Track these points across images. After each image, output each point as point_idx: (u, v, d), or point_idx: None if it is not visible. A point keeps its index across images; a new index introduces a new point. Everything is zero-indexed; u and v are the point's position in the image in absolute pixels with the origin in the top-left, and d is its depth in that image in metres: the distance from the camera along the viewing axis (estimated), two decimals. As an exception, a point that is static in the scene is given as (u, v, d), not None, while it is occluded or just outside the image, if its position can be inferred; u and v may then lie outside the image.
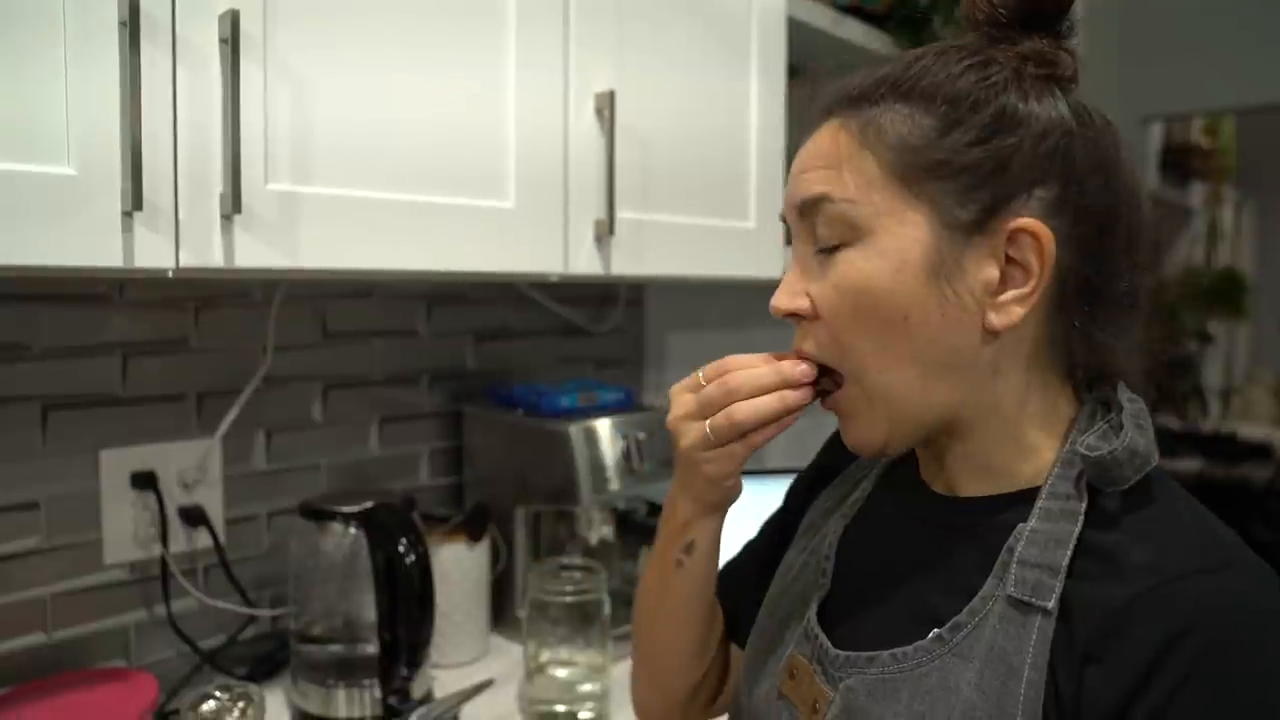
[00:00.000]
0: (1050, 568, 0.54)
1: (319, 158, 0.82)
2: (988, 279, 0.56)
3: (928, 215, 0.55)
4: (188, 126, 0.74)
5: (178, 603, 1.09)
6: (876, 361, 0.58)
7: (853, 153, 0.57)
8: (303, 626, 1.07)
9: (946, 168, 0.55)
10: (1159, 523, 0.54)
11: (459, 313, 1.37)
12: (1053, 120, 0.56)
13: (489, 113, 0.95)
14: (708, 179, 1.20)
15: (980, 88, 0.56)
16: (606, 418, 1.25)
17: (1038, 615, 0.53)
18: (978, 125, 0.55)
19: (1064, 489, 0.56)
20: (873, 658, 0.59)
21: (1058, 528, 0.55)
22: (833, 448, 0.80)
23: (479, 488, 1.34)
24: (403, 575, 1.00)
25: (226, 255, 0.77)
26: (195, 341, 1.11)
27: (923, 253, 0.55)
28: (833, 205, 0.57)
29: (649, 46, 1.10)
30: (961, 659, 0.55)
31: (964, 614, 0.56)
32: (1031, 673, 0.52)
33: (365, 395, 1.27)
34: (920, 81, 0.57)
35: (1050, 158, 0.55)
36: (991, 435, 0.59)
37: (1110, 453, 0.54)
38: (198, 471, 1.10)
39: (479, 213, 0.94)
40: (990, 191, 0.55)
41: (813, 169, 0.59)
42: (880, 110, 0.57)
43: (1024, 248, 0.55)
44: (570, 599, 1.07)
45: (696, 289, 1.71)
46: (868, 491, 0.72)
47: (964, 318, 0.56)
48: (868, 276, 0.56)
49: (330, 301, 1.22)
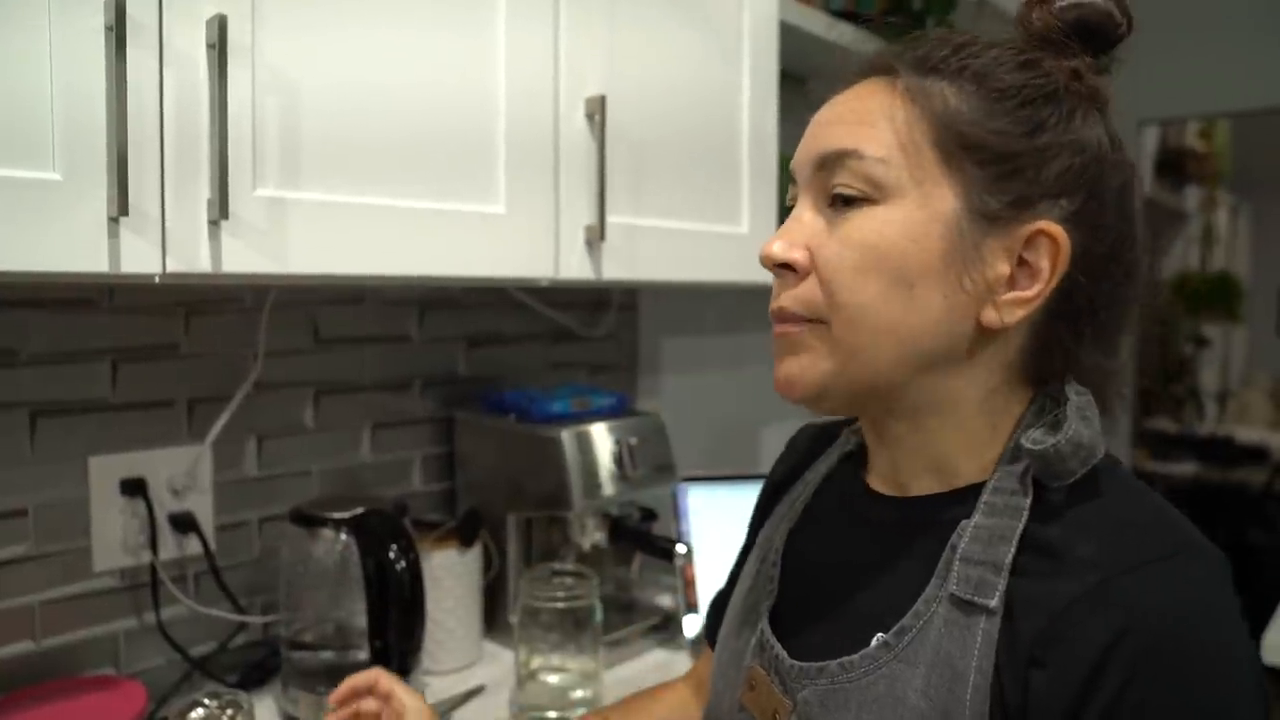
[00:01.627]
0: (993, 565, 0.53)
1: (307, 163, 0.82)
2: (998, 274, 0.55)
3: (958, 194, 0.55)
4: (174, 131, 0.73)
5: (167, 610, 1.08)
6: (864, 321, 0.56)
7: (896, 113, 0.56)
8: (293, 633, 1.06)
9: (987, 151, 0.55)
10: (1104, 516, 0.54)
11: (451, 318, 1.36)
12: (1091, 137, 0.56)
13: (479, 118, 0.95)
14: (700, 183, 1.19)
15: (1032, 85, 0.56)
16: (599, 423, 1.25)
17: (981, 615, 0.52)
18: (1025, 120, 0.55)
19: (1009, 484, 0.56)
20: (822, 668, 0.58)
21: (1001, 523, 0.54)
22: (790, 457, 0.80)
23: (471, 493, 1.33)
24: (393, 582, 1.00)
25: (214, 261, 0.77)
26: (185, 347, 1.10)
27: (944, 230, 0.55)
28: (860, 161, 0.56)
29: (640, 51, 1.10)
30: (908, 665, 0.54)
31: (908, 617, 0.55)
32: (977, 677, 0.51)
33: (357, 401, 1.26)
34: (974, 61, 0.56)
35: (1082, 172, 0.56)
36: (944, 427, 0.59)
37: (1053, 445, 0.53)
38: (188, 478, 1.10)
39: (469, 217, 0.94)
40: (1021, 187, 0.55)
41: (845, 123, 0.58)
42: (931, 80, 0.56)
43: (1039, 251, 0.55)
44: (562, 605, 1.07)
45: (690, 293, 1.70)
46: (810, 493, 0.71)
47: (963, 306, 0.56)
48: (884, 237, 0.55)
49: (321, 307, 1.22)
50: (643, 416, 1.33)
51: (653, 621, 1.32)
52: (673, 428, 1.35)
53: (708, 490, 1.43)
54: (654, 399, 1.66)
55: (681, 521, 1.40)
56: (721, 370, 1.78)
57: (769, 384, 0.62)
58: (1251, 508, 3.74)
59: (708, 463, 1.63)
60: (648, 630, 1.31)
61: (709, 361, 1.76)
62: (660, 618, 1.33)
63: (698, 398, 1.73)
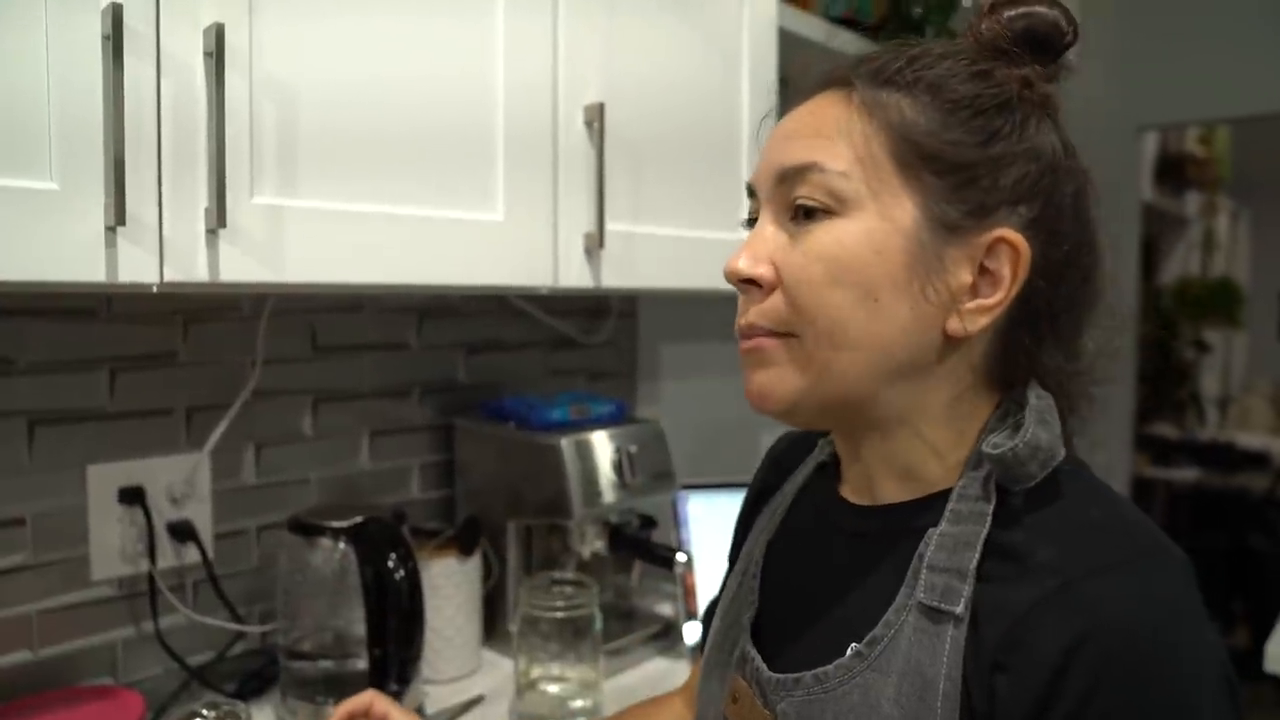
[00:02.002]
0: (959, 571, 0.53)
1: (305, 170, 0.82)
2: (961, 282, 0.56)
3: (917, 204, 0.55)
4: (171, 140, 0.73)
5: (165, 619, 1.08)
6: (832, 334, 0.56)
7: (854, 126, 0.56)
8: (292, 642, 1.06)
9: (944, 161, 0.55)
10: (1064, 519, 0.53)
11: (450, 325, 1.36)
12: (1045, 145, 0.57)
13: (477, 126, 0.95)
14: (699, 190, 1.19)
15: (985, 95, 0.56)
16: (599, 430, 1.24)
17: (949, 622, 0.52)
18: (979, 129, 0.56)
19: (972, 490, 0.56)
20: (799, 679, 0.58)
21: (966, 530, 0.54)
22: (768, 467, 0.80)
23: (470, 501, 1.33)
24: (392, 590, 0.99)
25: (211, 270, 0.76)
26: (184, 355, 1.10)
27: (905, 240, 0.55)
28: (822, 175, 0.56)
29: (640, 57, 1.10)
30: (880, 674, 0.54)
31: (880, 627, 0.55)
32: (946, 684, 0.51)
33: (355, 409, 1.26)
34: (928, 73, 0.57)
35: (1038, 179, 0.56)
36: (912, 435, 0.59)
37: (1011, 449, 0.53)
38: (186, 486, 1.10)
39: (468, 225, 0.94)
40: (979, 196, 0.55)
41: (803, 136, 0.58)
42: (887, 92, 0.57)
43: (1000, 259, 0.55)
44: (562, 614, 1.06)
45: (689, 300, 1.70)
46: (788, 505, 0.71)
47: (929, 316, 0.56)
48: (847, 249, 0.55)
49: (320, 315, 1.21)
50: (642, 424, 1.32)
51: (653, 630, 1.31)
52: (671, 434, 1.34)
53: (707, 498, 1.42)
54: (653, 406, 1.66)
55: (681, 529, 1.40)
56: (720, 377, 1.77)
57: None
58: (1253, 513, 3.74)
59: (706, 469, 1.63)
60: (648, 639, 1.30)
61: (708, 368, 1.75)
62: (660, 626, 1.33)
63: (697, 404, 1.73)
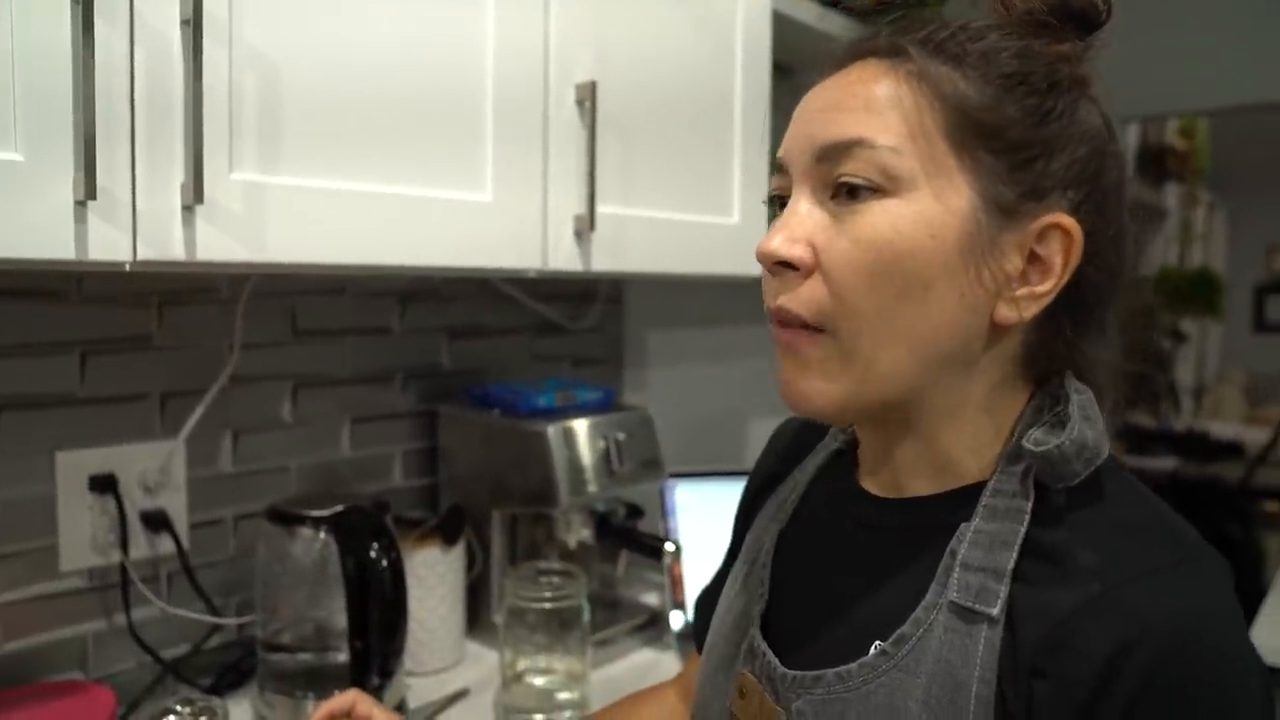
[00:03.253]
0: (995, 571, 0.51)
1: (288, 145, 0.78)
2: (1013, 269, 0.53)
3: (972, 185, 0.52)
4: (145, 111, 0.69)
5: (138, 611, 1.04)
6: (875, 328, 0.53)
7: (904, 99, 0.53)
8: (270, 635, 1.03)
9: (1001, 139, 0.52)
10: (1106, 521, 0.52)
11: (433, 310, 1.33)
12: (1092, 126, 0.54)
13: (466, 103, 0.92)
14: (690, 174, 1.17)
15: (1038, 72, 0.53)
16: (585, 418, 1.22)
17: (983, 624, 0.50)
18: (1033, 108, 0.53)
19: (1009, 486, 0.54)
20: (819, 677, 0.56)
21: (1003, 528, 0.52)
22: (775, 453, 0.77)
23: (454, 490, 1.30)
24: (375, 581, 0.97)
25: (188, 248, 0.73)
26: (158, 339, 1.06)
27: (961, 224, 0.52)
28: (872, 151, 0.52)
29: (632, 36, 1.07)
30: (908, 674, 0.52)
31: (908, 625, 0.53)
32: (980, 687, 0.49)
33: (336, 395, 1.23)
34: (975, 45, 0.54)
35: (1088, 161, 0.54)
36: (950, 429, 0.57)
37: (1058, 447, 0.51)
38: (160, 474, 1.06)
39: (456, 205, 0.91)
40: (1034, 177, 0.53)
41: (846, 108, 0.54)
42: (936, 64, 0.53)
43: (1052, 244, 0.53)
44: (549, 605, 1.04)
45: (677, 285, 1.68)
46: (801, 493, 0.69)
47: (979, 305, 0.53)
48: (900, 233, 0.52)
49: (300, 298, 1.18)
50: (630, 411, 1.30)
51: (639, 621, 1.29)
52: (658, 422, 1.32)
53: (695, 486, 1.40)
54: (639, 393, 1.63)
55: (669, 518, 1.38)
56: (707, 363, 1.75)
57: (755, 377, 0.60)
58: (1227, 502, 3.77)
59: (693, 458, 1.61)
60: (634, 629, 1.28)
61: (695, 355, 1.73)
62: (647, 617, 1.31)
63: (683, 391, 1.71)
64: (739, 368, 1.80)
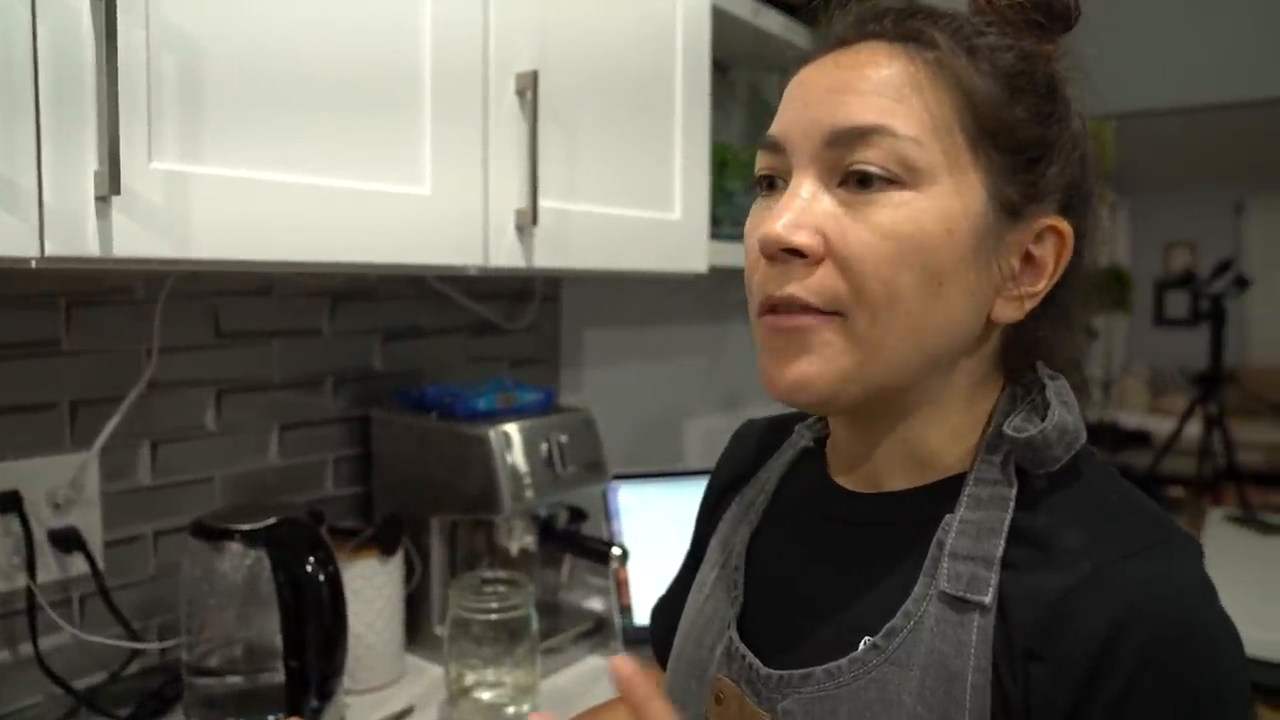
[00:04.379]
0: (984, 559, 0.51)
1: (212, 132, 0.73)
2: (1012, 268, 0.54)
3: (983, 183, 0.52)
4: (53, 94, 0.63)
5: (47, 639, 0.96)
6: (891, 317, 0.51)
7: (925, 89, 0.51)
8: (196, 658, 0.96)
9: (1011, 138, 0.52)
10: (1088, 503, 0.52)
11: (365, 310, 1.27)
12: (1078, 129, 0.55)
13: (403, 91, 0.87)
14: (633, 168, 1.14)
15: (1037, 71, 0.53)
16: (526, 420, 1.18)
17: (975, 612, 0.50)
18: (1036, 108, 0.53)
19: (990, 474, 0.54)
20: (807, 675, 0.55)
21: (989, 515, 0.52)
22: (737, 454, 0.75)
23: (389, 497, 1.25)
24: (312, 597, 0.91)
25: (103, 243, 0.67)
26: (67, 343, 0.98)
27: (974, 222, 0.52)
28: (894, 140, 0.50)
29: (573, 27, 1.04)
30: (900, 667, 0.51)
31: (898, 617, 0.52)
32: (975, 676, 0.49)
33: (263, 400, 1.16)
34: (980, 40, 0.53)
35: (1079, 165, 0.54)
36: (932, 422, 0.57)
37: (1040, 432, 0.52)
38: (71, 490, 0.98)
39: (392, 199, 0.86)
40: (1035, 177, 0.53)
41: (861, 92, 0.52)
42: (956, 55, 0.52)
43: (1046, 245, 0.54)
44: (495, 616, 1.00)
45: (613, 284, 1.65)
46: (770, 493, 0.67)
47: (981, 301, 0.53)
48: (921, 227, 0.50)
49: (223, 298, 1.11)
50: (572, 413, 1.27)
51: (585, 627, 1.26)
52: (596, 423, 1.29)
53: (638, 488, 1.38)
54: (577, 393, 1.60)
55: (613, 521, 1.35)
56: (644, 362, 1.73)
57: (693, 376, 0.58)
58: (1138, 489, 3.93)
59: (632, 459, 1.58)
60: (579, 636, 1.25)
61: (631, 354, 1.71)
62: (592, 623, 1.28)
63: (620, 391, 1.68)
64: (676, 366, 1.78)
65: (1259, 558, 1.98)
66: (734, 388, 1.91)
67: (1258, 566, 1.92)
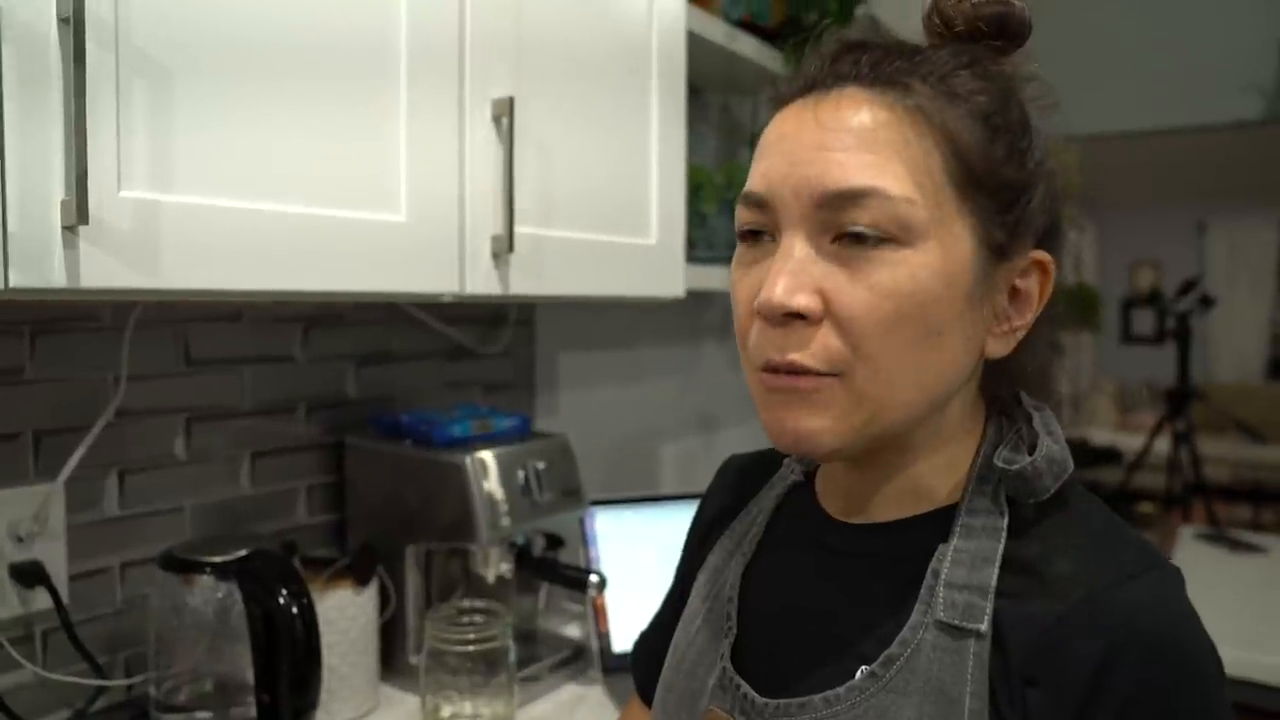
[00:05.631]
0: (979, 588, 0.52)
1: (183, 160, 0.72)
2: (1001, 306, 0.55)
3: (971, 228, 0.52)
4: (17, 119, 0.62)
5: (8, 677, 0.93)
6: (891, 373, 0.52)
7: (912, 141, 0.51)
8: (165, 694, 0.94)
9: (992, 181, 0.53)
10: (1078, 531, 0.54)
11: (338, 336, 1.26)
12: (1048, 158, 0.55)
13: (378, 115, 0.86)
14: (609, 193, 1.14)
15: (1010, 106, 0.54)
16: (502, 447, 1.17)
17: (971, 639, 0.51)
18: (1012, 146, 0.53)
19: (982, 504, 0.55)
20: (804, 704, 0.55)
21: (982, 545, 0.53)
22: (724, 488, 0.75)
23: (363, 526, 1.23)
24: (285, 631, 0.89)
25: (70, 273, 0.65)
26: (31, 371, 0.96)
27: (966, 271, 0.52)
28: (887, 202, 0.50)
29: (549, 54, 1.04)
30: (898, 694, 0.52)
31: (895, 646, 0.53)
32: (973, 702, 0.50)
33: (234, 428, 1.14)
34: (953, 79, 0.53)
35: (1054, 197, 0.55)
36: (930, 454, 0.57)
37: (1031, 464, 0.53)
38: (34, 522, 0.96)
39: (367, 226, 0.86)
40: (1016, 215, 0.53)
41: (848, 149, 0.51)
42: (934, 101, 0.52)
43: (1031, 279, 0.55)
44: (473, 646, 0.99)
45: (587, 308, 1.64)
46: (763, 525, 0.68)
47: (975, 342, 0.54)
48: (920, 284, 0.51)
49: (193, 325, 1.09)
50: (548, 439, 1.26)
51: (562, 655, 1.25)
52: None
53: (615, 514, 1.37)
54: (552, 417, 1.59)
55: (590, 548, 1.34)
56: (619, 386, 1.72)
57: (668, 400, 0.58)
58: (1109, 505, 3.97)
59: (608, 484, 1.57)
60: (557, 665, 1.23)
61: (606, 378, 1.70)
62: (570, 651, 1.26)
63: (595, 415, 1.67)
64: (650, 388, 1.78)
65: (1229, 575, 2.00)
66: (709, 409, 1.90)
67: (1229, 584, 1.94)
